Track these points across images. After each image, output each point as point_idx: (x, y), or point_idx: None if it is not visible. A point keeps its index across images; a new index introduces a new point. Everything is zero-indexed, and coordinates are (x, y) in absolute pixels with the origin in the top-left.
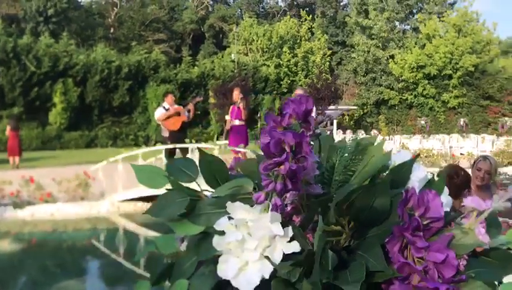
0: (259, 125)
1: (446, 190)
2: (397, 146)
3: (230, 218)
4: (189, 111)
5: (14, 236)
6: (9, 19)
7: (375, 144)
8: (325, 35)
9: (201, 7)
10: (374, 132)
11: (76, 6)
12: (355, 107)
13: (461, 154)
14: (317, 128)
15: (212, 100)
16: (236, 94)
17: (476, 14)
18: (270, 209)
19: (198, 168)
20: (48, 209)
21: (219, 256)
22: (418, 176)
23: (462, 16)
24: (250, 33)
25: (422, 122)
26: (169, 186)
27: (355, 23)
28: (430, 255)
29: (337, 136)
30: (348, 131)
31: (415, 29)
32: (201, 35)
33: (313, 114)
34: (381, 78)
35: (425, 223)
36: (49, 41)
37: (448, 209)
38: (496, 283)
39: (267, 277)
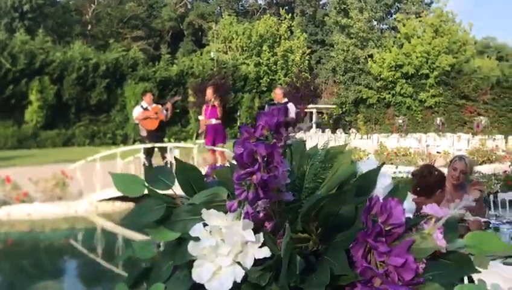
0: (238, 123)
1: (410, 196)
2: (375, 145)
3: (205, 225)
4: (167, 110)
5: None
6: None
7: (344, 152)
8: (304, 34)
9: (180, 4)
10: (352, 130)
11: (52, 2)
12: (334, 106)
13: (438, 152)
14: (288, 139)
15: (191, 99)
16: (210, 93)
17: (451, 14)
18: (242, 217)
19: (175, 176)
20: (24, 209)
21: (194, 261)
22: (383, 183)
23: (439, 16)
24: (230, 31)
25: (400, 121)
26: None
27: (334, 22)
28: (391, 259)
29: (316, 135)
30: (327, 130)
31: (393, 29)
32: (180, 33)
33: (292, 114)
34: (359, 77)
35: (387, 229)
36: (25, 38)
37: (410, 215)
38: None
39: (239, 281)
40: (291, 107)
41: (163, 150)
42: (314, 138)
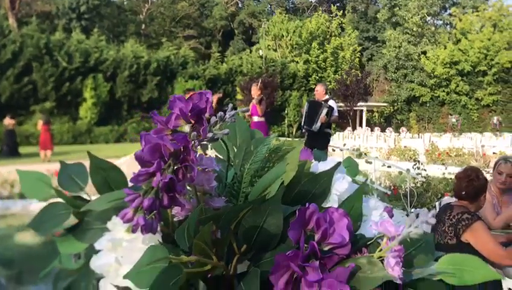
0: (286, 121)
1: (380, 205)
2: (426, 144)
3: None
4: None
5: None
6: (44, 15)
7: (294, 150)
8: (355, 30)
9: (231, 3)
10: (402, 129)
11: (108, 2)
12: (385, 104)
13: (494, 153)
14: (213, 132)
15: (239, 96)
16: (255, 90)
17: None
18: (132, 230)
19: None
20: None
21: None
22: (339, 189)
23: (498, 10)
24: (280, 29)
25: (454, 120)
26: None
27: (387, 18)
28: None
29: (365, 134)
30: (376, 128)
31: (448, 24)
32: (231, 32)
33: (335, 112)
34: (412, 74)
35: (326, 249)
36: (81, 37)
37: (376, 232)
38: None
39: None
40: (333, 103)
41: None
42: (363, 137)
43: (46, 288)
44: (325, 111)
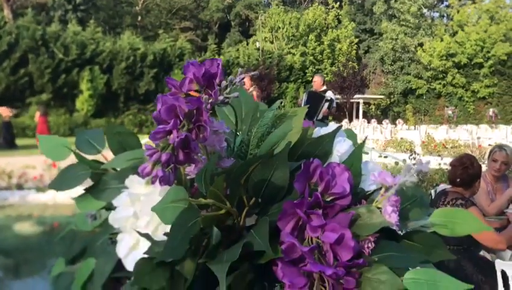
0: None
1: (378, 168)
2: (422, 136)
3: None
4: None
5: (36, 219)
6: (39, 7)
7: (297, 115)
8: (352, 23)
9: None
10: (399, 121)
11: None
12: (381, 96)
13: (489, 145)
14: (224, 96)
15: None
16: (247, 82)
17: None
18: (152, 182)
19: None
20: (68, 194)
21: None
22: (340, 150)
23: (495, 1)
24: (277, 21)
25: (450, 112)
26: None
27: (383, 11)
28: (325, 235)
29: (362, 126)
30: (373, 120)
31: (445, 16)
32: (227, 24)
33: (333, 102)
34: (409, 66)
35: (328, 199)
36: (77, 29)
37: (374, 186)
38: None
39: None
40: (331, 94)
41: None
42: (359, 129)
43: (42, 280)
44: (326, 104)
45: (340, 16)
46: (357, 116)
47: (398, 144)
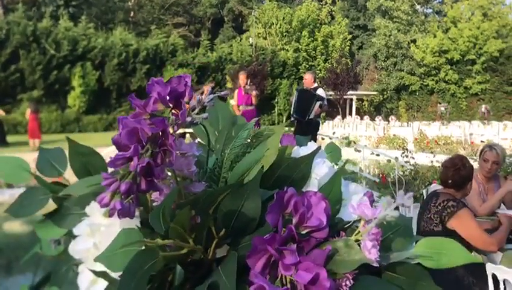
0: (276, 110)
1: (360, 189)
2: (415, 133)
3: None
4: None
5: (26, 218)
6: (30, 2)
7: (274, 135)
8: (345, 19)
9: None
10: (391, 118)
11: None
12: (374, 93)
13: (482, 141)
14: (192, 117)
15: (228, 85)
16: (243, 78)
17: None
18: (109, 214)
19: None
20: None
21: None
22: (319, 173)
23: None
24: (271, 17)
25: (442, 108)
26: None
27: (376, 7)
28: (299, 274)
29: (354, 122)
30: (366, 117)
31: (438, 13)
32: (220, 20)
33: (324, 100)
34: (402, 63)
35: (303, 232)
36: (68, 24)
37: (355, 216)
38: None
39: None
40: (321, 92)
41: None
42: (352, 126)
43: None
44: (317, 104)
45: (333, 12)
46: (350, 113)
47: (390, 140)
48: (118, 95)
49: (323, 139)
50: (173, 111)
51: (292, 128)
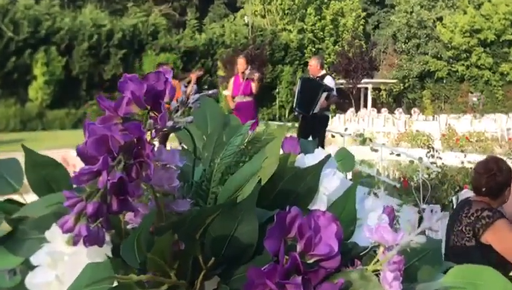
0: (277, 102)
1: (379, 205)
2: (442, 128)
3: None
4: (186, 86)
5: None
6: None
7: (274, 141)
8: None
9: None
10: (414, 110)
11: None
12: (394, 81)
13: None
14: (174, 121)
15: (220, 73)
16: (242, 63)
17: None
18: (73, 241)
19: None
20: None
21: None
22: (328, 187)
23: None
24: None
25: (474, 99)
26: None
27: None
28: None
29: (370, 116)
30: (384, 109)
31: None
32: None
33: (333, 90)
34: (426, 45)
35: (310, 261)
36: (29, 2)
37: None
38: None
39: None
40: (329, 81)
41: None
42: (368, 120)
43: None
44: (324, 95)
45: None
46: (365, 105)
47: (413, 137)
48: (89, 85)
49: (333, 136)
50: (151, 114)
51: (296, 124)
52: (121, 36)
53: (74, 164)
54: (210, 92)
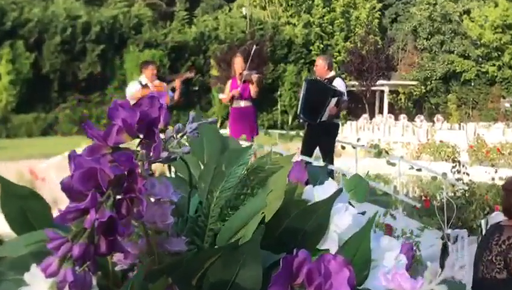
0: (279, 107)
1: (396, 244)
2: (470, 138)
3: None
4: (174, 90)
5: None
6: None
7: (280, 172)
8: None
9: None
10: (437, 117)
11: None
12: (414, 83)
13: None
14: (169, 151)
15: (214, 72)
16: (239, 62)
17: None
18: (57, 287)
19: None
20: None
21: None
22: (340, 225)
23: None
24: None
25: (507, 104)
26: None
27: None
28: None
29: (387, 123)
30: (403, 116)
31: None
32: None
33: (344, 95)
34: (451, 41)
35: None
36: None
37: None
38: None
39: None
40: (340, 83)
41: None
42: (384, 129)
43: None
44: (334, 101)
45: None
46: (381, 111)
47: (436, 149)
48: (61, 86)
49: (343, 147)
50: (143, 143)
51: (301, 133)
52: (98, 29)
53: (44, 177)
54: (210, 120)
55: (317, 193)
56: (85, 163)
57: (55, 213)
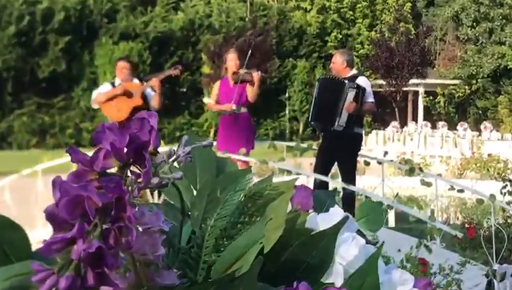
0: (287, 112)
1: (409, 278)
2: None
3: None
4: (153, 90)
5: None
6: None
7: (280, 199)
8: None
9: None
10: (485, 125)
11: None
12: (456, 82)
13: None
14: (160, 177)
15: (205, 70)
16: (233, 59)
17: None
18: None
19: None
20: None
21: None
22: (345, 257)
23: None
24: None
25: None
26: None
27: None
28: None
29: (422, 131)
30: (441, 124)
31: None
32: None
33: (370, 96)
34: (502, 30)
35: None
36: None
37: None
38: None
39: None
40: (363, 82)
41: None
42: (418, 140)
43: None
44: (351, 94)
45: None
46: (415, 117)
47: (484, 165)
48: (17, 87)
49: (367, 163)
50: (132, 168)
51: (315, 145)
52: (63, 17)
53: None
54: (204, 142)
55: (322, 222)
56: (71, 190)
57: None
